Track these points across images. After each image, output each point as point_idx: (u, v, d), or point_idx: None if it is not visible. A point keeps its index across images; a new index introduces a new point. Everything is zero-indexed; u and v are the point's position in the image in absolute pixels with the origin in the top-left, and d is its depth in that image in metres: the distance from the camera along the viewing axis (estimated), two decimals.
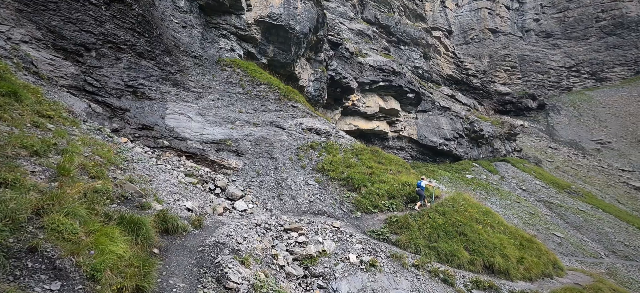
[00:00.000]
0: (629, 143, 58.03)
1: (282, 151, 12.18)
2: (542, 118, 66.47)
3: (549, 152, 56.22)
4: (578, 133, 62.15)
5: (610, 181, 49.94)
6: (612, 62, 70.81)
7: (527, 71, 70.13)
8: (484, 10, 73.76)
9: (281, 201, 9.91)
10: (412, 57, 55.01)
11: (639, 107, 63.06)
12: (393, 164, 11.95)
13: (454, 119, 42.26)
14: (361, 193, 10.15)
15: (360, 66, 34.82)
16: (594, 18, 73.97)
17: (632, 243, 30.64)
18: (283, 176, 10.90)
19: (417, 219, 8.88)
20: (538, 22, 77.78)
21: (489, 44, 71.50)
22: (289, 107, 15.63)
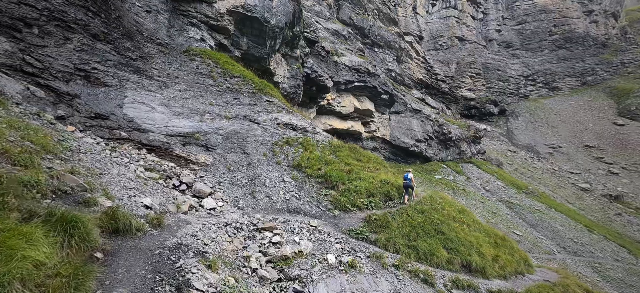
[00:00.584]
0: (576, 148, 63.35)
1: (256, 146, 11.43)
2: (502, 122, 70.79)
3: (508, 155, 59.89)
4: (533, 138, 66.80)
5: (560, 183, 54.03)
6: (562, 73, 77.29)
7: (490, 78, 74.42)
8: (452, 18, 77.18)
9: (254, 199, 9.19)
10: (385, 60, 56.05)
11: (584, 115, 69.30)
12: (371, 162, 11.69)
13: (425, 121, 43.59)
14: (339, 190, 9.72)
15: (336, 66, 34.66)
16: (548, 32, 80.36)
17: (579, 240, 33.16)
18: (257, 172, 10.17)
19: (396, 217, 8.62)
20: (500, 33, 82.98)
21: (456, 51, 74.95)
22: (264, 102, 14.86)
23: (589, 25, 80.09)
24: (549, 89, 76.26)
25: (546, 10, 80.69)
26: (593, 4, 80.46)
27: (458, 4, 78.25)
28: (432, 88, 69.66)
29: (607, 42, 79.97)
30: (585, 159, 59.59)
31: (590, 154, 60.37)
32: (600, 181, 53.55)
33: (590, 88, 74.72)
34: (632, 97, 67.41)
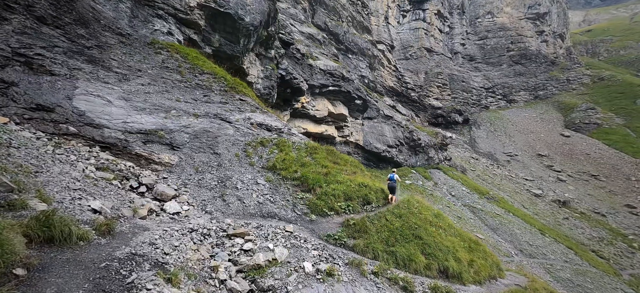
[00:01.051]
0: (530, 157, 68.40)
1: (228, 146, 10.64)
2: (466, 131, 74.76)
3: (472, 162, 63.21)
4: (493, 146, 71.13)
5: (517, 189, 57.79)
6: (518, 87, 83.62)
7: (455, 89, 78.46)
8: (421, 30, 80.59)
9: (224, 203, 8.43)
10: (359, 66, 56.92)
11: (537, 126, 75.32)
12: (348, 165, 11.37)
13: (396, 127, 44.65)
14: (316, 194, 9.25)
15: (311, 69, 34.38)
16: (506, 48, 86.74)
17: (534, 242, 35.40)
18: (228, 174, 9.41)
19: (374, 222, 8.33)
20: (464, 47, 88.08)
21: (425, 61, 78.23)
22: (237, 101, 14.05)
23: (541, 44, 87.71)
24: (506, 101, 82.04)
25: (504, 28, 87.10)
26: (544, 25, 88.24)
27: (427, 17, 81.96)
28: (402, 96, 71.99)
29: (555, 60, 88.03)
30: (538, 167, 64.62)
31: (542, 163, 65.58)
32: (550, 188, 58.16)
33: (541, 102, 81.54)
34: (576, 111, 74.49)
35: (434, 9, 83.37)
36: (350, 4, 64.75)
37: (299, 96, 32.36)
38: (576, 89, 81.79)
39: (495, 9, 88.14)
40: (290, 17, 43.02)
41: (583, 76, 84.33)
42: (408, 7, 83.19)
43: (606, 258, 39.28)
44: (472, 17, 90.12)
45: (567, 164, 64.82)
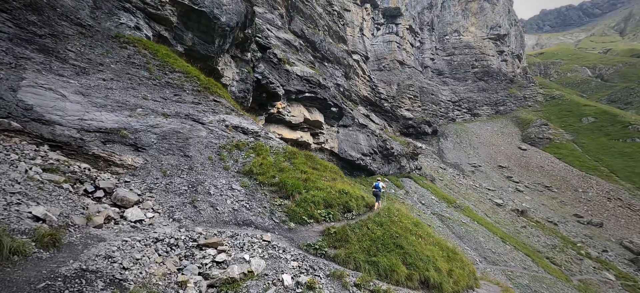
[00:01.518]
0: (492, 167, 72.56)
1: (200, 148, 9.87)
2: (435, 142, 77.95)
3: (440, 171, 65.80)
4: (459, 157, 74.65)
5: (481, 198, 60.79)
6: (482, 101, 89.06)
7: (425, 101, 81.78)
8: (394, 43, 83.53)
9: (195, 209, 7.70)
10: (334, 74, 57.44)
11: (498, 139, 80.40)
12: (328, 171, 11.06)
13: (370, 136, 45.38)
14: (295, 200, 8.79)
15: (288, 74, 33.99)
16: (470, 65, 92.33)
17: (497, 250, 37.09)
18: (200, 178, 8.67)
19: (356, 230, 8.04)
20: (433, 61, 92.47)
21: (398, 73, 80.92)
22: (211, 102, 13.26)
23: (501, 63, 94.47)
24: (471, 115, 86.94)
25: (469, 46, 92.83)
26: (503, 45, 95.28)
27: (399, 31, 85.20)
28: (376, 106, 73.70)
29: (513, 78, 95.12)
30: (499, 177, 68.72)
31: (502, 174, 69.87)
32: (510, 198, 61.88)
33: (502, 117, 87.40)
34: (531, 126, 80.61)
35: (406, 24, 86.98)
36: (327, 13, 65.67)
37: (275, 101, 31.75)
38: (531, 106, 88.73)
39: (461, 28, 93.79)
40: (267, 22, 42.52)
41: (537, 95, 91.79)
42: (382, 20, 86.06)
43: (558, 264, 42.04)
44: (440, 34, 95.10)
45: (524, 175, 69.55)
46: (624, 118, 76.79)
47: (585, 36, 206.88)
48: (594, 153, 70.90)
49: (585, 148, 72.73)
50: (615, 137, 71.70)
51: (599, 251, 47.84)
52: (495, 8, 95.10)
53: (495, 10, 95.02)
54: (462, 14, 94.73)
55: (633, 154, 66.85)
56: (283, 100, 33.52)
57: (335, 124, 41.34)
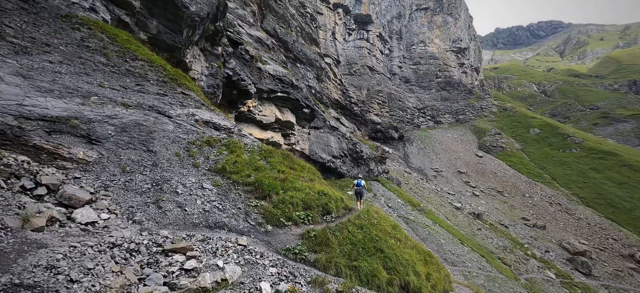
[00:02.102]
0: (452, 173, 76.72)
1: (166, 143, 8.92)
2: (401, 146, 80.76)
3: (405, 175, 68.20)
4: (423, 162, 77.99)
5: (442, 202, 63.84)
6: (444, 110, 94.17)
7: (393, 107, 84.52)
8: (364, 49, 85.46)
9: (160, 210, 6.86)
10: (306, 76, 57.18)
11: (458, 146, 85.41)
12: (306, 171, 10.63)
13: (341, 139, 45.66)
14: (272, 201, 8.24)
15: (260, 73, 33.01)
16: (434, 75, 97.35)
17: (456, 252, 38.98)
18: (166, 175, 7.78)
19: (336, 233, 7.71)
20: (401, 69, 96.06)
21: (368, 79, 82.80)
22: (178, 94, 12.20)
23: (461, 74, 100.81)
24: (434, 122, 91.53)
25: (434, 56, 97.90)
26: (464, 58, 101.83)
27: (370, 38, 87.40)
28: (346, 109, 74.62)
29: (472, 90, 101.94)
30: (458, 182, 72.92)
31: (461, 179, 74.23)
32: (467, 202, 65.79)
33: (461, 125, 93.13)
34: (487, 135, 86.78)
35: (376, 32, 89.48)
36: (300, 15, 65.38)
37: (245, 99, 30.60)
38: (487, 116, 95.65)
39: (427, 39, 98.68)
40: (239, 17, 41.12)
41: (492, 106, 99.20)
42: (353, 26, 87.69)
43: (508, 264, 45.23)
44: (408, 44, 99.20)
45: (480, 181, 74.48)
46: (564, 130, 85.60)
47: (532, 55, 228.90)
48: (538, 161, 78.01)
49: (532, 156, 79.79)
50: (556, 147, 79.57)
51: (542, 251, 52.31)
52: (458, 23, 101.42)
53: (457, 25, 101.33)
54: (427, 26, 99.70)
55: (570, 163, 74.63)
56: (254, 98, 32.47)
57: (306, 125, 40.99)
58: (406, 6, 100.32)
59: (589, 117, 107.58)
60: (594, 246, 54.06)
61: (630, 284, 47.00)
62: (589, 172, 70.27)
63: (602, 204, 64.14)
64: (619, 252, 52.39)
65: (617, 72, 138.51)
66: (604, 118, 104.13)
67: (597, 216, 61.99)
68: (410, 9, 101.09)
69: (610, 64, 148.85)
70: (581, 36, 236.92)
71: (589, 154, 74.78)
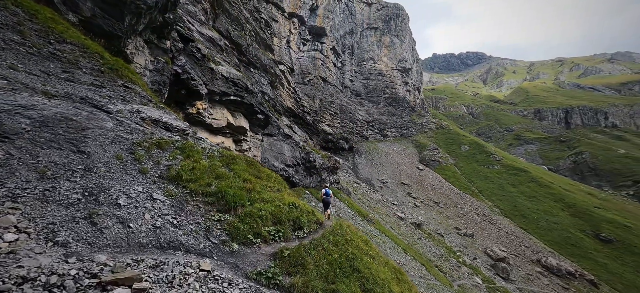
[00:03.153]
0: (396, 184, 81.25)
1: (104, 143, 7.26)
2: (350, 157, 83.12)
3: (354, 186, 70.09)
4: (371, 173, 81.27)
5: (387, 212, 66.90)
6: (390, 124, 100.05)
7: (344, 118, 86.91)
8: (318, 60, 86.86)
9: (95, 228, 5.39)
10: (260, 81, 55.52)
11: (402, 159, 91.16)
12: (273, 181, 9.70)
13: (294, 147, 44.96)
14: (238, 215, 7.18)
15: (212, 73, 30.78)
16: (382, 91, 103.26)
17: (400, 261, 40.76)
18: (103, 183, 6.24)
19: (311, 252, 6.99)
20: (352, 83, 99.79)
21: (321, 89, 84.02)
22: (119, 87, 10.32)
23: (406, 92, 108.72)
24: (381, 135, 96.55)
25: (382, 73, 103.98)
26: (408, 77, 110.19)
27: (324, 50, 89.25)
28: (299, 118, 74.33)
29: (414, 107, 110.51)
30: (402, 193, 77.50)
31: (404, 190, 79.06)
32: (409, 212, 70.11)
33: (405, 139, 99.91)
34: (426, 150, 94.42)
35: (330, 45, 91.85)
36: (254, 19, 63.74)
37: (195, 100, 28.12)
38: (427, 132, 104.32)
39: (376, 56, 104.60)
40: (189, 14, 38.17)
41: (431, 123, 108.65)
42: (308, 37, 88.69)
43: (444, 272, 48.85)
44: (359, 59, 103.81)
45: (420, 192, 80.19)
46: (488, 148, 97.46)
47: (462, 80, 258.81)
48: (468, 175, 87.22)
49: (463, 170, 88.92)
50: (482, 163, 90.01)
51: (471, 258, 57.81)
52: (403, 45, 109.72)
53: (403, 46, 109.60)
54: (377, 44, 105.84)
55: (493, 178, 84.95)
56: (204, 100, 30.08)
57: (260, 132, 39.42)
58: (358, 24, 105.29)
59: (505, 138, 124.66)
60: (511, 253, 61.61)
61: (538, 286, 54.32)
62: (506, 186, 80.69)
63: (516, 214, 73.87)
64: (530, 258, 60.52)
65: (526, 101, 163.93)
66: (517, 140, 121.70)
67: (513, 225, 71.12)
68: (361, 27, 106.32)
69: (520, 94, 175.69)
70: (499, 68, 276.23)
71: (506, 170, 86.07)
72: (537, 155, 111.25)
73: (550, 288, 54.19)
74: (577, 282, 54.90)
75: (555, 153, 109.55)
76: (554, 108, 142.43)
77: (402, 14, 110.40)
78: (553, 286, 54.23)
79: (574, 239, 63.99)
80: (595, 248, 61.68)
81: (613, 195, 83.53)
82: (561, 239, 64.90)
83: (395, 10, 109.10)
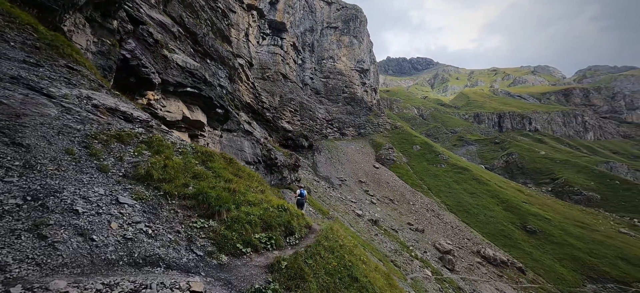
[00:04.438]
0: (354, 182, 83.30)
1: (48, 135, 5.73)
2: (310, 155, 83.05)
3: (314, 184, 70.16)
4: (330, 171, 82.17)
5: (346, 209, 68.15)
6: (348, 123, 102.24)
7: (304, 116, 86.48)
8: (278, 56, 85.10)
9: (45, 242, 4.12)
10: (218, 74, 52.32)
11: (359, 158, 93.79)
12: (254, 181, 8.71)
13: (255, 144, 43.20)
14: (223, 220, 6.20)
15: (166, 61, 27.91)
16: (341, 90, 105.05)
17: None
18: (51, 184, 4.86)
19: (309, 261, 6.32)
20: (312, 81, 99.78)
21: (281, 85, 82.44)
22: (62, 67, 8.45)
23: (363, 93, 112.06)
24: (340, 134, 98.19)
25: (342, 73, 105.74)
26: (366, 78, 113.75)
27: (284, 45, 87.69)
28: (258, 114, 71.87)
29: (371, 107, 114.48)
30: (360, 191, 79.75)
31: (362, 188, 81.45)
32: (367, 209, 72.41)
33: (362, 138, 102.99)
34: (382, 149, 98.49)
35: (291, 40, 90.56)
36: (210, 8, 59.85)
37: (145, 90, 25.16)
38: (383, 132, 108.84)
39: (336, 56, 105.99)
40: None
41: (386, 123, 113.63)
42: (268, 31, 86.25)
43: (399, 266, 51.17)
44: (319, 58, 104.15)
45: (376, 190, 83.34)
46: (436, 148, 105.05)
47: (413, 84, 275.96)
48: (419, 173, 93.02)
49: (414, 169, 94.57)
50: (431, 162, 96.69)
51: (422, 252, 61.60)
52: (361, 46, 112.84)
53: (361, 47, 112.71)
54: (336, 44, 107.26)
55: (440, 176, 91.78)
56: (157, 91, 27.13)
57: (218, 127, 37.02)
58: (318, 22, 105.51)
59: (450, 139, 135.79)
60: (456, 245, 67.12)
61: (478, 275, 59.87)
62: (452, 184, 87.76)
63: (460, 210, 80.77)
64: (471, 249, 66.58)
65: (467, 105, 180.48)
66: (460, 140, 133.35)
67: (457, 220, 77.62)
68: (322, 25, 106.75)
69: (463, 99, 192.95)
70: (445, 74, 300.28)
71: (452, 169, 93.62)
72: (477, 155, 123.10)
73: (488, 277, 60.18)
74: (508, 269, 61.84)
75: (491, 153, 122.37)
76: (490, 113, 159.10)
77: (361, 16, 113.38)
78: (490, 274, 60.30)
79: (507, 231, 72.01)
80: (523, 239, 70.15)
81: (536, 191, 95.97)
82: (496, 231, 72.55)
83: (354, 11, 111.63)
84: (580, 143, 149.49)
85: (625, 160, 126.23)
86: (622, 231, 72.05)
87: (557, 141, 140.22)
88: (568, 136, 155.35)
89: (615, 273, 57.21)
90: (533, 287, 58.95)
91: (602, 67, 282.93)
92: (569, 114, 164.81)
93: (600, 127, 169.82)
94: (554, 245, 67.21)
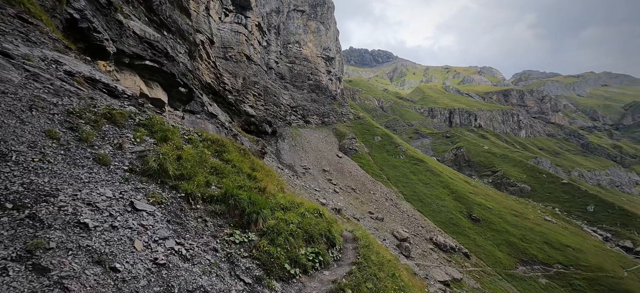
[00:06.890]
0: (318, 171, 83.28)
1: (17, 109, 3.87)
2: (273, 142, 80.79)
3: (278, 171, 68.40)
4: (294, 159, 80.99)
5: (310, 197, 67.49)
6: (313, 111, 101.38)
7: (268, 101, 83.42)
8: (242, 35, 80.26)
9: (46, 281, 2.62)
10: (176, 49, 47.28)
11: (323, 146, 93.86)
12: (273, 177, 7.38)
13: (220, 128, 40.14)
14: (261, 231, 4.90)
15: (121, 28, 24.00)
16: (307, 77, 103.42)
17: None
18: (40, 182, 3.20)
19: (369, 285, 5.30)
20: (278, 65, 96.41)
21: (244, 67, 78.11)
22: (14, 20, 6.13)
23: (328, 81, 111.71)
24: (304, 121, 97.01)
25: (307, 59, 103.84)
26: (331, 66, 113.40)
27: (248, 25, 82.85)
28: (219, 96, 67.21)
29: (336, 96, 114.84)
30: (323, 180, 79.98)
31: (325, 177, 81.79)
32: (330, 198, 72.91)
33: (326, 127, 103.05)
34: (345, 139, 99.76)
35: (255, 20, 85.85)
36: None
37: (97, 59, 21.33)
38: (346, 121, 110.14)
39: (302, 41, 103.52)
40: None
41: (349, 113, 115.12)
42: (231, 7, 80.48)
43: None
44: (285, 41, 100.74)
45: (339, 179, 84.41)
46: (395, 140, 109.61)
47: (373, 75, 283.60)
48: (379, 163, 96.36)
49: (375, 159, 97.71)
50: (391, 153, 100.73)
51: (382, 240, 64.11)
52: (328, 33, 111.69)
53: (328, 34, 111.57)
54: (303, 28, 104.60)
55: (399, 167, 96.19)
56: (110, 61, 23.25)
57: (180, 107, 33.48)
58: (285, 3, 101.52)
59: (408, 131, 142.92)
60: (412, 233, 71.17)
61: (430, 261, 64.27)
62: (409, 174, 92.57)
63: (415, 200, 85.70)
64: (425, 236, 71.19)
65: (422, 100, 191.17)
66: (416, 133, 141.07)
67: (413, 209, 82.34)
68: (288, 7, 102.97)
69: (419, 93, 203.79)
70: (403, 68, 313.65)
71: (409, 160, 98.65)
72: (430, 148, 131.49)
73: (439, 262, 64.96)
74: (456, 255, 67.48)
75: (442, 146, 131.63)
76: (442, 108, 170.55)
77: (328, 2, 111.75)
78: (441, 260, 65.18)
79: (455, 219, 78.39)
80: (468, 227, 77.02)
81: (479, 182, 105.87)
82: (446, 219, 78.55)
83: None
84: (515, 139, 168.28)
85: (549, 156, 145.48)
86: (546, 219, 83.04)
87: (497, 137, 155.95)
88: (505, 132, 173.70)
89: (542, 256, 65.83)
90: (476, 270, 65.41)
91: (534, 72, 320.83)
92: (508, 113, 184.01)
93: (531, 126, 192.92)
94: (493, 231, 74.95)
